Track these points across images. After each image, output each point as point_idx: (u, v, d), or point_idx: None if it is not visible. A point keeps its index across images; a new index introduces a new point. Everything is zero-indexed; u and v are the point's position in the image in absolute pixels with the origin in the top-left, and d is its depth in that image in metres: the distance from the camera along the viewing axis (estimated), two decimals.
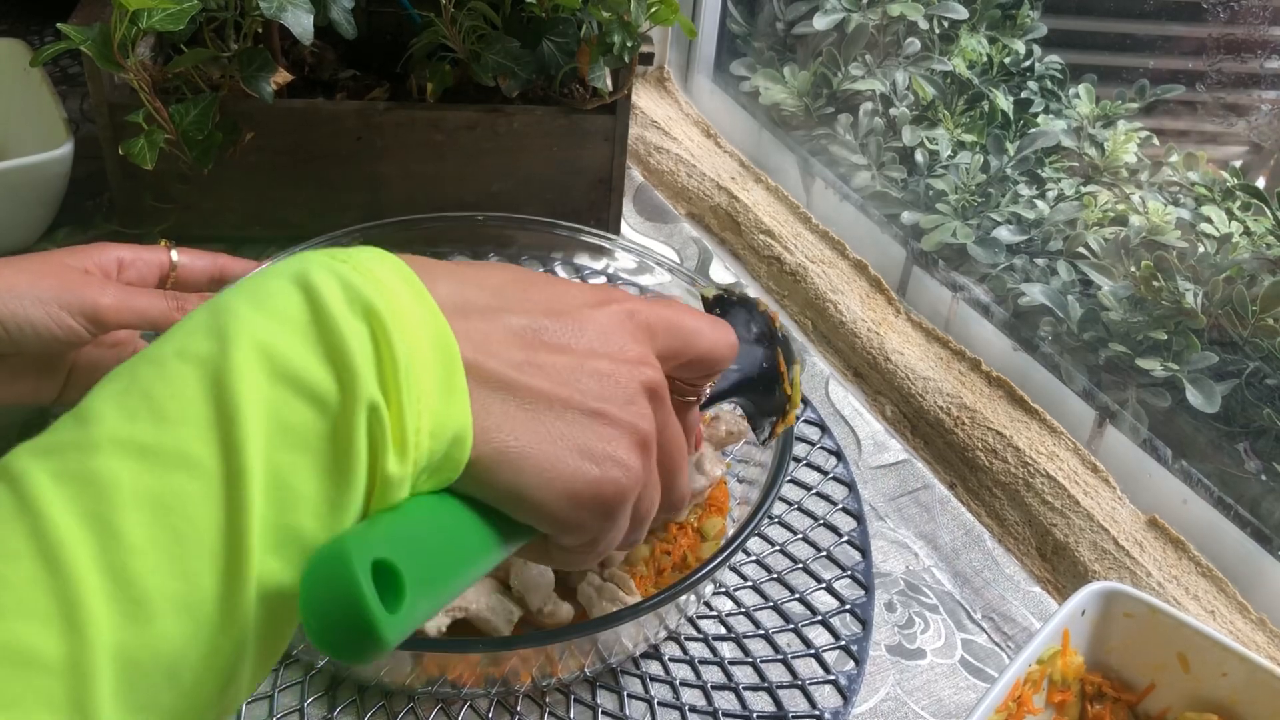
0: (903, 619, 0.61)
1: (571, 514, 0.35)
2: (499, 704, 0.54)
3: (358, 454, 0.30)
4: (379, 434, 0.30)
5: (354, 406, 0.29)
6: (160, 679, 0.27)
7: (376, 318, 0.30)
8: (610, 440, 0.36)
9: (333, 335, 0.30)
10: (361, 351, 0.30)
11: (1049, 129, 0.84)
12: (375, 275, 0.31)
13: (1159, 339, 0.71)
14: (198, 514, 0.28)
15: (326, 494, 0.29)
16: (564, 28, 0.76)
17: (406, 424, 0.30)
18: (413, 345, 0.31)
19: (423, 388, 0.31)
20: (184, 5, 0.64)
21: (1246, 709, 0.49)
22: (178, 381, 0.29)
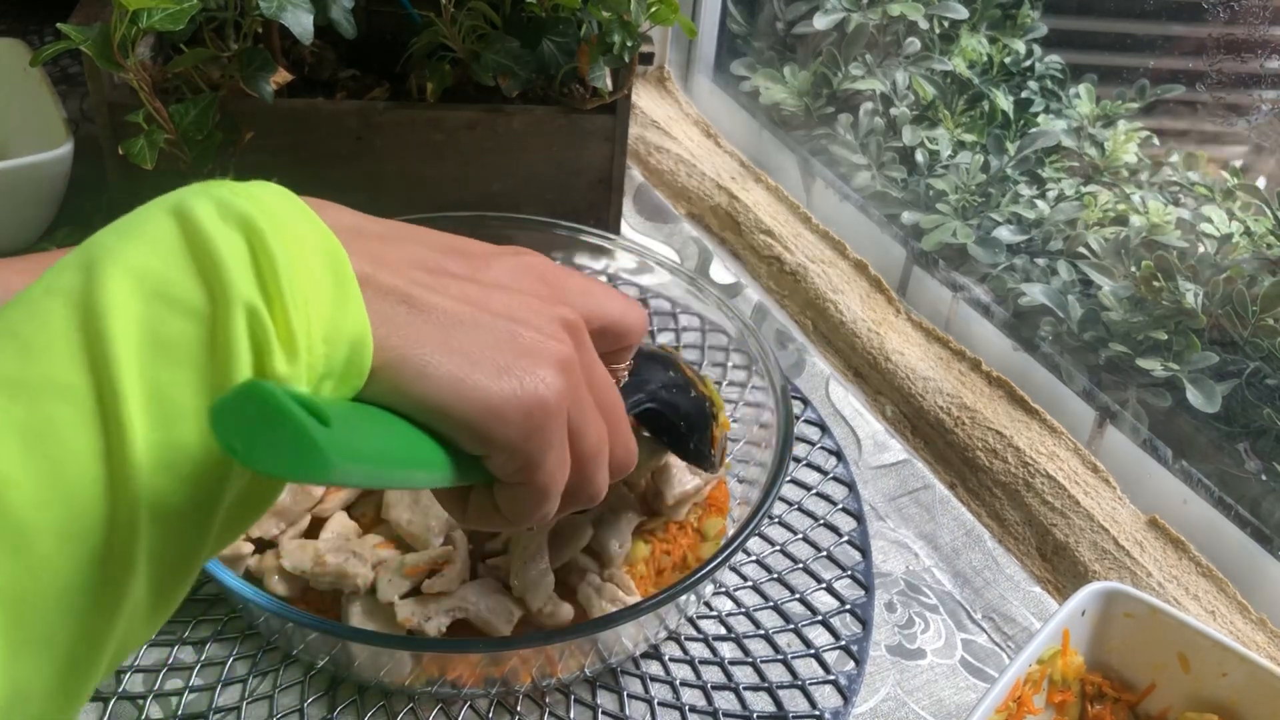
0: (903, 619, 0.61)
1: (494, 427, 0.34)
2: (499, 704, 0.54)
3: (238, 358, 0.29)
4: (261, 336, 0.29)
5: (229, 310, 0.29)
6: (52, 612, 0.26)
7: (251, 226, 0.30)
8: (525, 354, 0.35)
9: (205, 247, 0.29)
10: (235, 257, 0.29)
11: (1049, 129, 0.84)
12: (253, 194, 0.31)
13: (1159, 339, 0.71)
14: (73, 440, 0.27)
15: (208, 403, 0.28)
16: (564, 27, 0.76)
17: (294, 325, 0.30)
18: (294, 252, 0.30)
19: (309, 292, 0.30)
20: (184, 5, 0.63)
21: (1247, 709, 0.49)
22: (44, 315, 0.28)
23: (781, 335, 0.81)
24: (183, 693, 0.52)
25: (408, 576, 0.53)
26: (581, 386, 0.38)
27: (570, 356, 0.37)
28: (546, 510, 0.40)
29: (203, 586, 0.57)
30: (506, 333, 0.35)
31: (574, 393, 0.37)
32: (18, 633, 0.26)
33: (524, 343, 0.36)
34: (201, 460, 0.28)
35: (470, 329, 0.35)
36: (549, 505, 0.39)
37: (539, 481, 0.37)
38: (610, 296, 0.42)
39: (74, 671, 0.27)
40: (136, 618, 0.29)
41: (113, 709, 0.51)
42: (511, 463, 0.36)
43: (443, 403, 0.33)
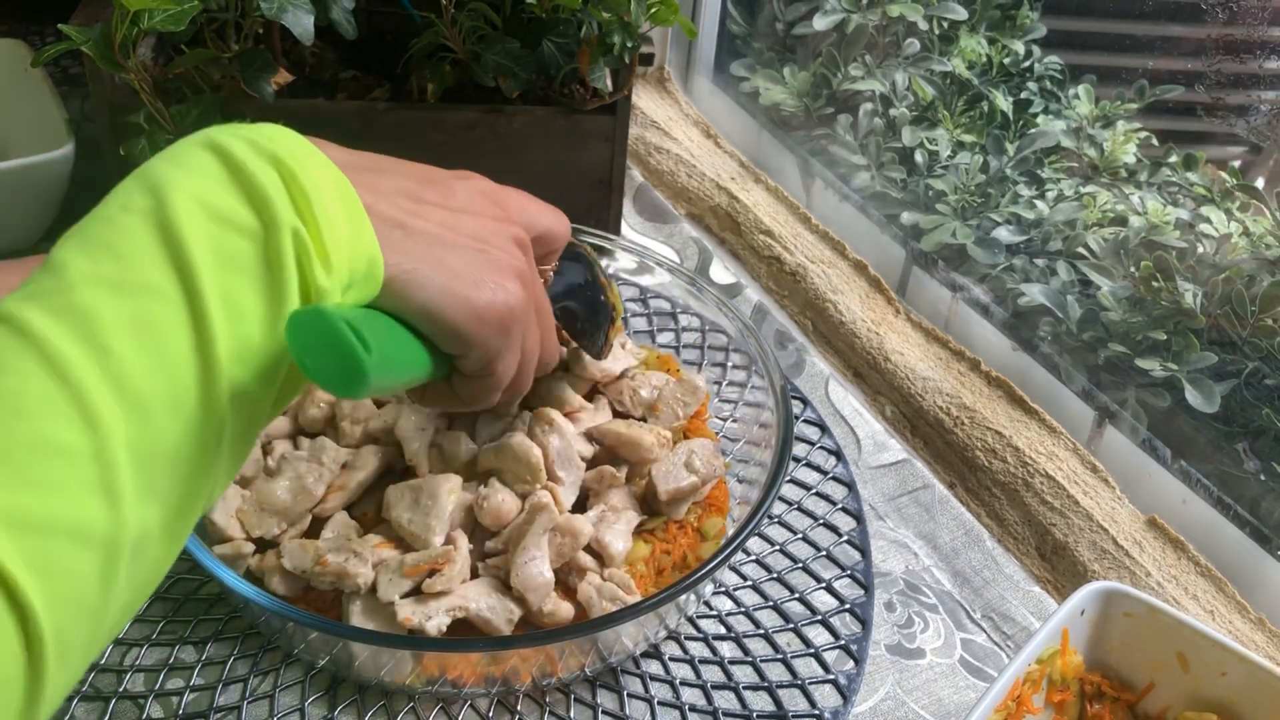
0: (902, 618, 0.61)
1: (475, 328, 0.42)
2: (499, 703, 0.54)
3: (288, 271, 0.35)
4: (304, 253, 0.35)
5: (279, 232, 0.35)
6: (165, 469, 0.32)
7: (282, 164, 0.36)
8: (495, 270, 0.44)
9: (249, 180, 0.35)
10: (275, 189, 0.35)
11: (1048, 129, 0.84)
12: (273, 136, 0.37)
13: (1158, 339, 0.71)
14: (171, 331, 0.33)
15: (268, 309, 0.35)
16: (564, 28, 0.76)
17: (328, 245, 0.36)
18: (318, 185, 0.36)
19: (334, 219, 0.37)
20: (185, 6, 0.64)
21: (1246, 708, 0.49)
22: (128, 229, 0.34)
23: (781, 335, 0.81)
24: (184, 692, 0.52)
25: (408, 576, 0.53)
26: (532, 294, 0.46)
27: (525, 271, 0.45)
28: (495, 398, 0.48)
29: (203, 586, 0.58)
30: (479, 251, 0.43)
31: (530, 303, 0.46)
32: (145, 481, 0.32)
33: (492, 259, 0.44)
34: (264, 354, 0.35)
35: (451, 249, 0.42)
36: (498, 393, 0.48)
37: (499, 373, 0.46)
38: (542, 209, 0.50)
39: (180, 518, 0.34)
40: (218, 476, 0.35)
41: (114, 708, 0.51)
42: (481, 359, 0.44)
43: (439, 308, 0.41)
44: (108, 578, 0.31)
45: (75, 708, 0.51)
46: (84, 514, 0.30)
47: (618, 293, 0.62)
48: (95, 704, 0.52)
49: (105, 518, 0.30)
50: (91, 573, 0.30)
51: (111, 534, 0.31)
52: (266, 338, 0.35)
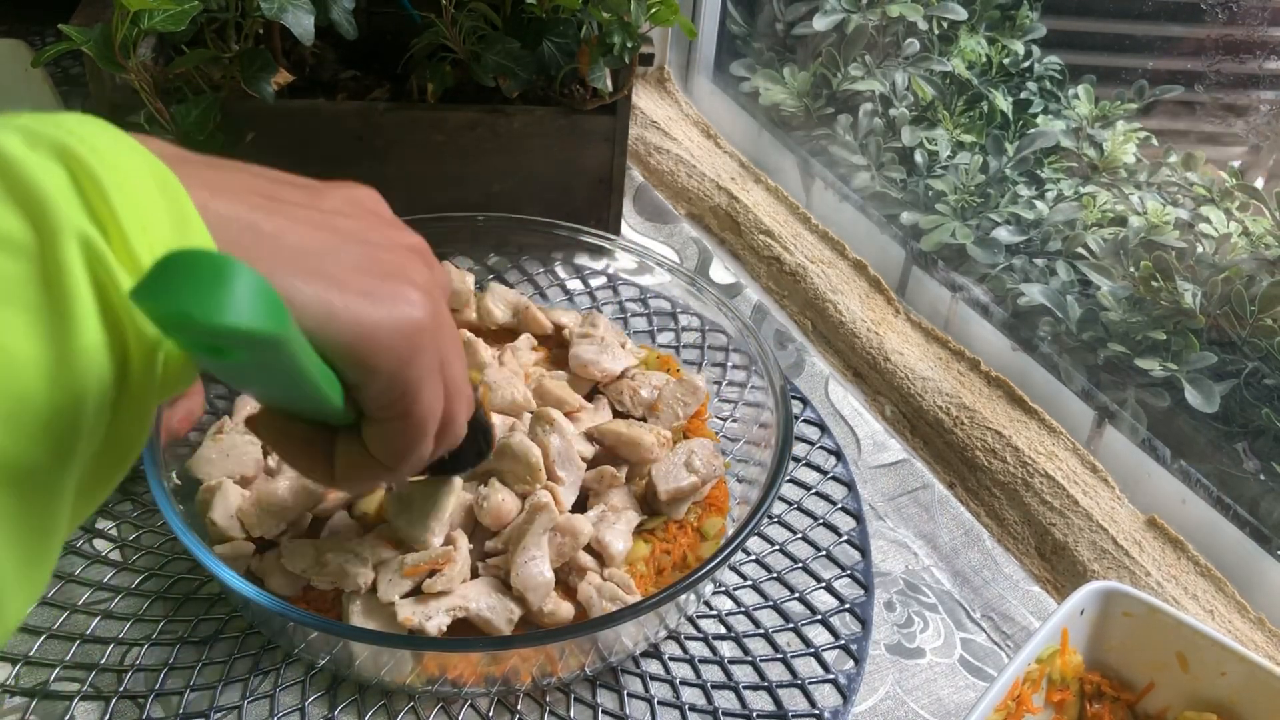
0: (902, 618, 0.61)
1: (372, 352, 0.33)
2: (499, 703, 0.54)
3: (74, 291, 0.25)
4: (99, 264, 0.26)
5: (58, 240, 0.25)
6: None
7: (68, 153, 0.27)
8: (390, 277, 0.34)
9: (17, 178, 0.26)
10: (56, 185, 0.26)
11: (1048, 129, 0.84)
12: (62, 123, 0.28)
13: (1158, 339, 0.71)
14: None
15: (49, 347, 0.25)
16: (564, 28, 0.76)
17: (136, 251, 0.27)
18: (122, 177, 0.27)
19: (148, 218, 0.27)
20: (185, 6, 0.64)
21: (1245, 708, 0.49)
22: None
23: (781, 335, 0.81)
24: (184, 692, 0.52)
25: (407, 577, 0.53)
26: (444, 312, 0.36)
27: (430, 281, 0.36)
28: (422, 451, 0.38)
29: (204, 586, 0.58)
30: (366, 255, 0.34)
31: (440, 319, 0.36)
32: None
33: (385, 265, 0.34)
34: (47, 409, 0.25)
35: (326, 253, 0.33)
36: (425, 444, 0.38)
37: (417, 414, 0.36)
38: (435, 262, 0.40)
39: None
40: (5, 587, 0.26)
41: (114, 708, 0.51)
42: (389, 392, 0.34)
43: (315, 327, 0.31)
44: None
45: (76, 707, 0.51)
46: None
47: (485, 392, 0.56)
48: (96, 703, 0.52)
49: None
50: None
51: None
52: (52, 388, 0.25)
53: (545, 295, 0.78)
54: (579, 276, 0.79)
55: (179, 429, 0.57)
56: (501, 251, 0.79)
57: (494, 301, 0.72)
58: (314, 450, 0.39)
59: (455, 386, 0.38)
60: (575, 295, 0.78)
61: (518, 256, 0.79)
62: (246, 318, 0.25)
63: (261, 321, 0.25)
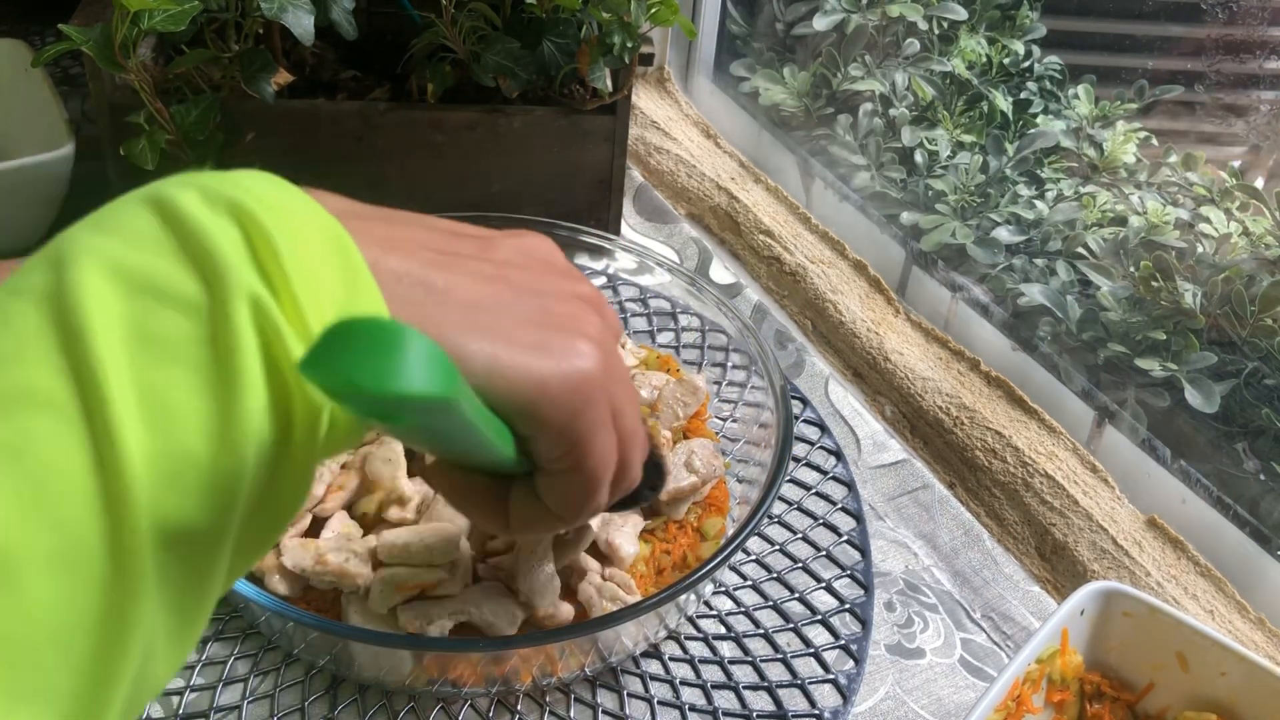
0: (902, 618, 0.61)
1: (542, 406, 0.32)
2: (499, 703, 0.54)
3: (243, 351, 0.25)
4: (269, 328, 0.26)
5: (228, 299, 0.25)
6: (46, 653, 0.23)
7: (243, 212, 0.27)
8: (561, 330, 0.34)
9: (192, 235, 0.26)
10: (231, 245, 0.26)
11: (1048, 129, 0.84)
12: (239, 181, 0.28)
13: (1158, 339, 0.71)
14: (57, 453, 0.23)
15: (215, 407, 0.25)
16: (564, 28, 0.76)
17: (306, 314, 0.26)
18: (295, 237, 0.27)
19: (319, 279, 0.27)
20: (185, 6, 0.64)
21: (1245, 708, 0.49)
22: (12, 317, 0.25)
23: (781, 335, 0.81)
24: (184, 692, 0.52)
25: (399, 593, 0.53)
26: (617, 362, 0.36)
27: (603, 331, 0.35)
28: (598, 501, 0.38)
29: None
30: (536, 308, 0.34)
31: (612, 369, 0.35)
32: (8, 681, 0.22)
33: (555, 318, 0.34)
34: (210, 470, 0.25)
35: (497, 307, 0.33)
36: (601, 494, 0.37)
37: (590, 466, 0.36)
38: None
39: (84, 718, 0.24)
40: (156, 647, 0.25)
41: None
42: (560, 444, 0.34)
43: (484, 383, 0.31)
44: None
45: None
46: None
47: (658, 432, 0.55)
48: None
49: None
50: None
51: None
52: (217, 448, 0.25)
53: None
54: None
55: None
56: None
57: None
58: (489, 500, 0.39)
59: (629, 433, 0.38)
60: None
61: None
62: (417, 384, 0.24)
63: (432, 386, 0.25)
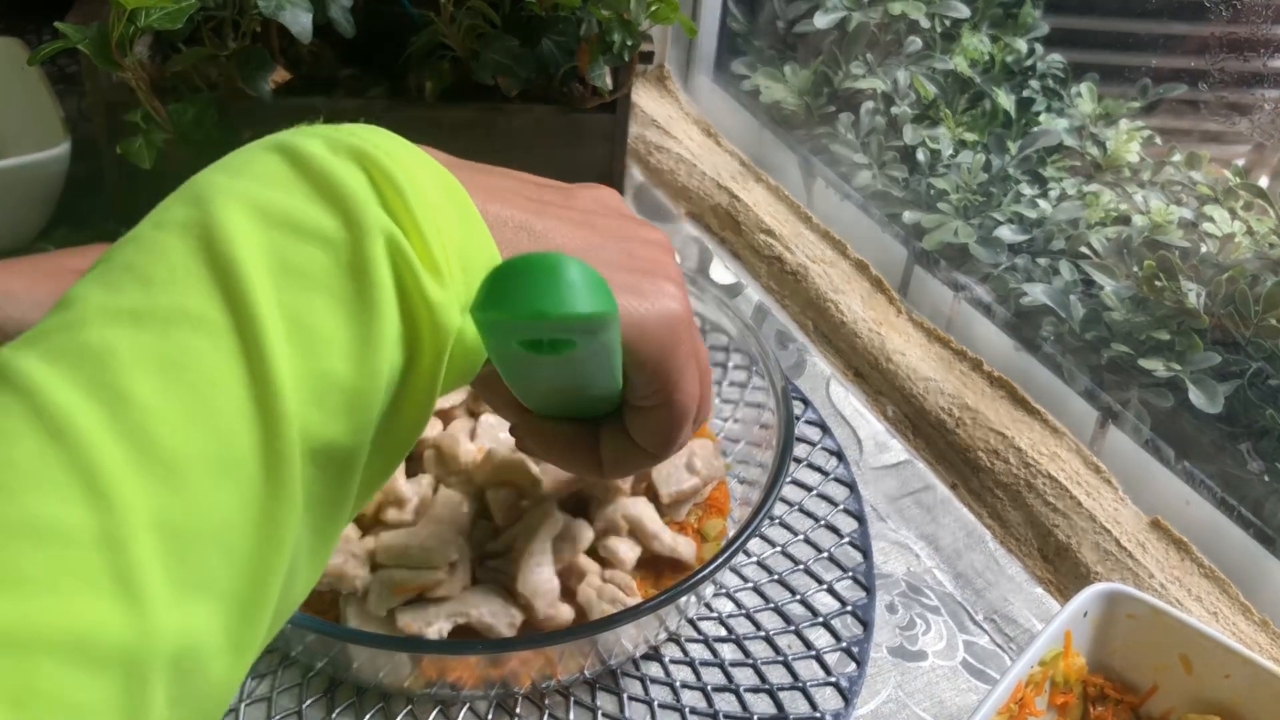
0: (904, 620, 0.60)
1: (639, 344, 0.35)
2: (498, 706, 0.53)
3: (380, 283, 0.27)
4: (402, 261, 0.28)
5: (366, 234, 0.27)
6: (210, 550, 0.24)
7: (367, 158, 0.29)
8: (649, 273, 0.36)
9: (324, 178, 0.28)
10: (360, 186, 0.28)
11: (1051, 128, 0.84)
12: (356, 131, 0.30)
13: (1161, 339, 0.70)
14: (214, 369, 0.25)
15: (355, 332, 0.27)
16: (564, 26, 0.76)
17: (434, 251, 0.29)
18: (415, 182, 0.29)
19: (440, 220, 0.29)
20: (182, 4, 0.63)
21: (1249, 711, 0.49)
22: (160, 248, 0.26)
23: (782, 335, 0.80)
24: None
25: (397, 594, 0.52)
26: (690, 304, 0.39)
27: (681, 273, 0.38)
28: (685, 434, 0.40)
29: None
30: (623, 252, 0.36)
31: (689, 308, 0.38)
32: (183, 573, 0.23)
33: (641, 261, 0.36)
34: (354, 392, 0.27)
35: (591, 250, 0.35)
36: (687, 428, 0.40)
37: (679, 401, 0.38)
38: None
39: (243, 619, 0.25)
40: (300, 561, 0.27)
41: None
42: (655, 380, 0.37)
43: None
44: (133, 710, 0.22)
45: None
46: (87, 620, 0.21)
47: None
48: None
49: (122, 624, 0.22)
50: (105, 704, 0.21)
51: (132, 647, 0.22)
52: (356, 371, 0.27)
53: None
54: None
55: None
56: None
57: None
58: (580, 447, 0.42)
59: (705, 370, 0.41)
60: None
61: None
62: (589, 303, 0.27)
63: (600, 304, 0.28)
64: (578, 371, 0.35)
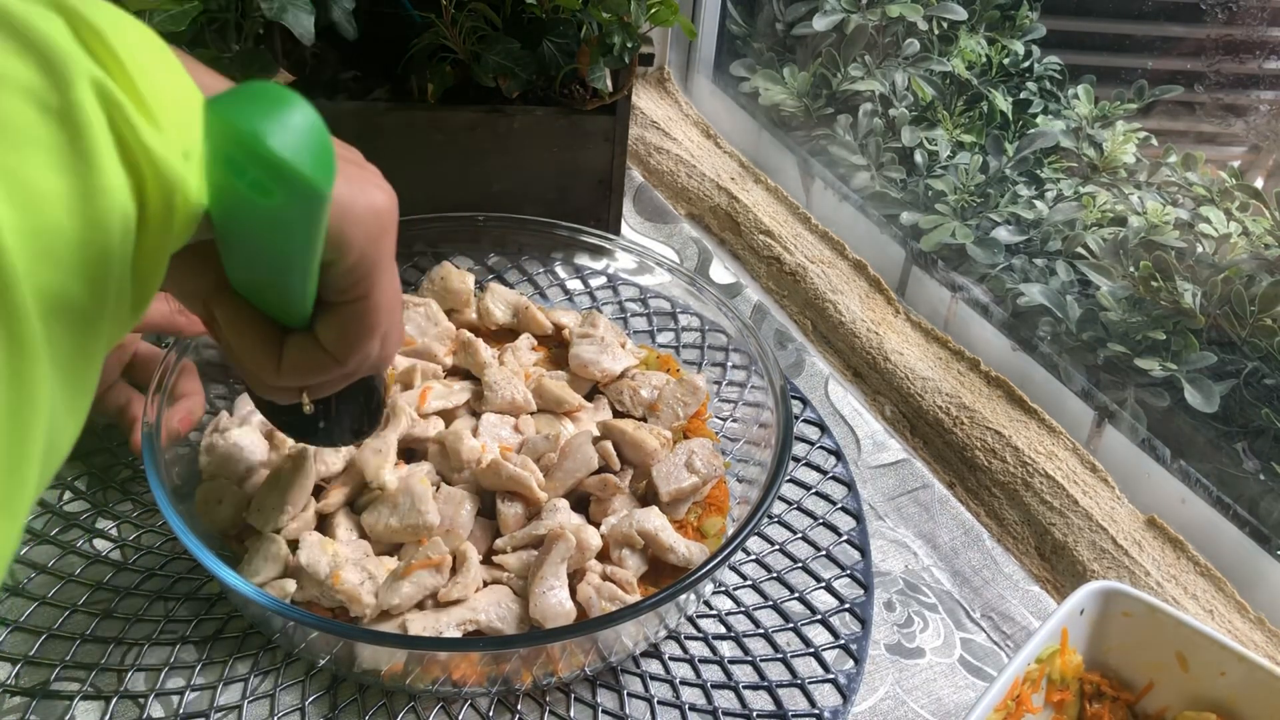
0: (902, 618, 0.61)
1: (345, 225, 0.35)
2: (500, 703, 0.54)
3: (91, 128, 0.26)
4: (114, 107, 0.27)
5: (69, 80, 0.26)
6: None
7: (66, 8, 0.27)
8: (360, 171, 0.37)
9: (21, 27, 0.26)
10: (59, 33, 0.27)
11: (1048, 129, 0.84)
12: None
13: (1157, 339, 0.71)
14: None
15: (73, 184, 0.26)
16: (564, 28, 0.76)
17: (146, 96, 0.27)
18: (119, 29, 0.28)
19: (148, 67, 0.28)
20: (185, 6, 0.64)
21: (1245, 708, 0.49)
22: None
23: (781, 335, 0.81)
24: (184, 691, 0.52)
25: (404, 578, 0.53)
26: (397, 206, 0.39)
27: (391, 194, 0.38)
28: (372, 346, 0.40)
29: (204, 586, 0.58)
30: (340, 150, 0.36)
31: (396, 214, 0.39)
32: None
33: (353, 164, 0.37)
34: (80, 243, 0.26)
35: None
36: (375, 338, 0.40)
37: (376, 298, 0.38)
38: None
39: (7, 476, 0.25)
40: (58, 417, 0.27)
41: (114, 707, 0.51)
42: (357, 269, 0.37)
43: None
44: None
45: (76, 707, 0.51)
46: None
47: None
48: (96, 703, 0.52)
49: None
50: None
51: None
52: (82, 223, 0.26)
53: (545, 295, 0.78)
54: (579, 276, 0.79)
55: (179, 428, 0.57)
56: (501, 251, 0.79)
57: (494, 301, 0.72)
58: (265, 341, 0.41)
59: (397, 294, 0.41)
60: (575, 295, 0.78)
61: (518, 256, 0.79)
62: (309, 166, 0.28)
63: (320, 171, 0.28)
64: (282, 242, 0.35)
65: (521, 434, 0.63)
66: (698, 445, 0.62)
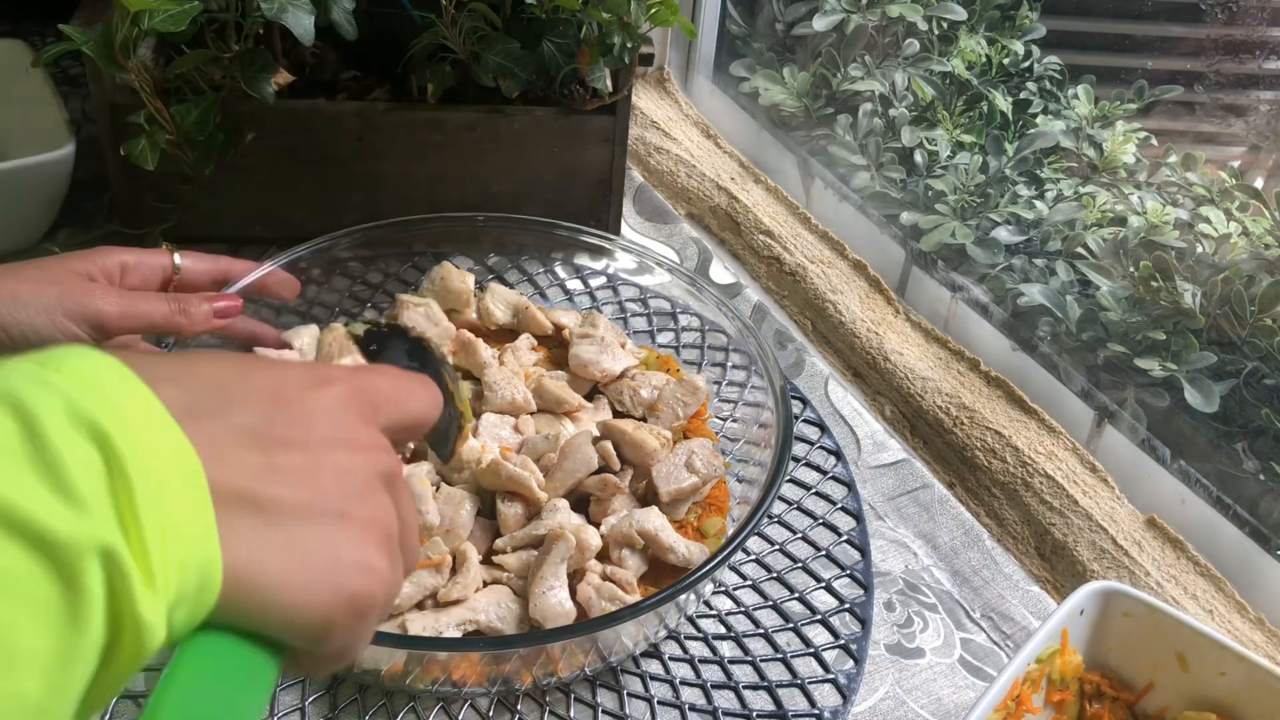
0: (902, 618, 0.61)
1: (327, 628, 0.34)
2: (499, 703, 0.54)
3: (90, 599, 0.26)
4: (117, 576, 0.26)
5: (82, 548, 0.26)
6: None
7: (106, 441, 0.27)
8: (358, 544, 0.35)
9: (55, 466, 0.26)
10: (91, 482, 0.26)
11: (1048, 129, 0.84)
12: (98, 385, 0.28)
13: (1157, 339, 0.71)
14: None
15: (56, 648, 0.25)
16: (564, 29, 0.76)
17: (152, 558, 0.27)
18: (151, 468, 0.28)
19: (168, 515, 0.28)
20: (185, 6, 0.64)
21: (1245, 708, 0.49)
22: None
23: (781, 335, 0.81)
24: None
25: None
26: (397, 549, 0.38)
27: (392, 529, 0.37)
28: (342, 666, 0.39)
29: None
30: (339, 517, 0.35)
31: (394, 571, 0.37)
32: None
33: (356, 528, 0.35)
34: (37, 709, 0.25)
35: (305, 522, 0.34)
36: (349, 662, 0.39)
37: (349, 658, 0.37)
38: (412, 390, 0.41)
39: None
40: None
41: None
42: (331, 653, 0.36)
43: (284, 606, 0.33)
44: None
45: None
46: None
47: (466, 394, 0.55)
48: None
49: None
50: None
51: None
52: (45, 691, 0.25)
53: (545, 295, 0.79)
54: (579, 276, 0.79)
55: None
56: (501, 251, 0.79)
57: (494, 301, 0.72)
58: None
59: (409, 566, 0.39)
60: (575, 295, 0.78)
61: (518, 256, 0.79)
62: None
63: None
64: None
65: (521, 434, 0.63)
66: (698, 445, 0.62)
